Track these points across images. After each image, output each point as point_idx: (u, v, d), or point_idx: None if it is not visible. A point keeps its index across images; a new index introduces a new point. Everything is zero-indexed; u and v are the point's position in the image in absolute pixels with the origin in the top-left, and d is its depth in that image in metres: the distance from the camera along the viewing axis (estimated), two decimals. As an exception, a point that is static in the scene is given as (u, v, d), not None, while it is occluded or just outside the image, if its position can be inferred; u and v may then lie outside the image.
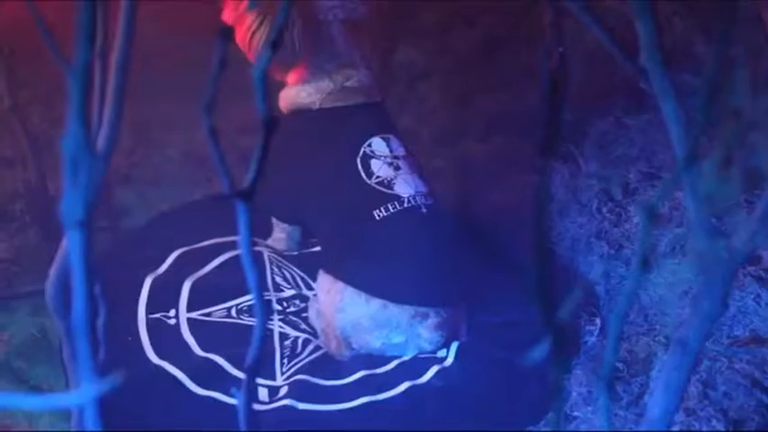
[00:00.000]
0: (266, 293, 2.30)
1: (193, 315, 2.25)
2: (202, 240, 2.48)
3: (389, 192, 2.13)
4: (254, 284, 1.27)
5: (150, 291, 2.30)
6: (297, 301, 2.32)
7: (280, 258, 2.44)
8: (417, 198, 2.15)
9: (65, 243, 1.51)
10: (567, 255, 2.55)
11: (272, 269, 2.39)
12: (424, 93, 3.25)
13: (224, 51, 1.04)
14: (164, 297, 2.29)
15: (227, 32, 1.04)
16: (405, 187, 2.16)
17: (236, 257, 2.41)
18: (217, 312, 2.26)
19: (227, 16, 2.25)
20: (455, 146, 2.99)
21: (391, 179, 2.16)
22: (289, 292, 2.34)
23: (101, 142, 1.15)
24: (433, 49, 3.42)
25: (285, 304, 2.30)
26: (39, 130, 2.72)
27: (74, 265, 1.00)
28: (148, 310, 2.25)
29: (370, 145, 2.20)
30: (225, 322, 2.24)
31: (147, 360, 2.11)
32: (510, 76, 3.23)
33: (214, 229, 2.49)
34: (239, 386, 2.03)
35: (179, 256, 2.42)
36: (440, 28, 3.52)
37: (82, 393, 0.96)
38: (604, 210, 2.59)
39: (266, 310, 2.06)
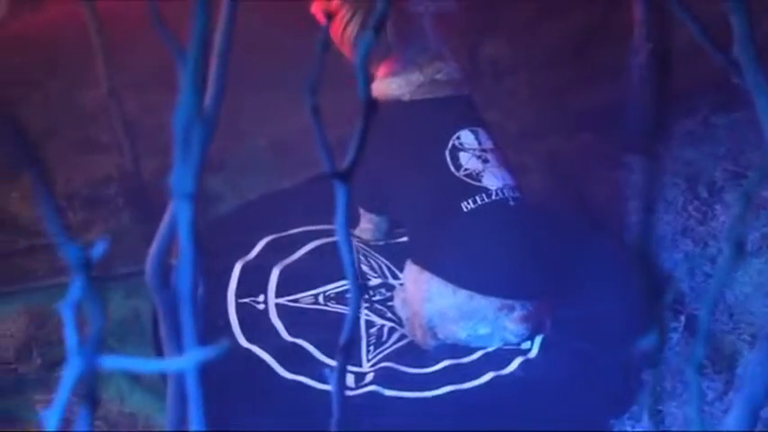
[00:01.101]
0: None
1: (282, 301, 2.28)
2: (291, 228, 2.52)
3: (477, 184, 2.14)
4: (349, 265, 1.29)
5: (240, 276, 2.35)
6: (383, 290, 2.35)
7: (366, 248, 2.47)
8: (505, 191, 2.15)
9: (166, 218, 1.55)
10: (653, 251, 2.54)
11: (358, 258, 2.41)
12: (511, 87, 3.26)
13: (326, 34, 1.07)
14: (253, 282, 2.33)
15: (331, 15, 1.08)
16: (493, 180, 2.16)
17: (324, 245, 2.45)
18: (304, 299, 2.29)
19: (316, 9, 2.28)
20: (542, 141, 2.99)
21: (479, 172, 2.16)
22: (375, 281, 2.37)
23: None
24: (520, 44, 3.42)
25: (371, 293, 2.33)
26: (132, 116, 2.76)
27: (181, 235, 1.04)
28: (238, 295, 2.29)
29: (458, 137, 2.21)
30: (312, 308, 2.27)
31: (237, 343, 2.15)
32: (598, 72, 3.22)
33: (302, 218, 2.53)
34: (326, 370, 2.08)
35: (268, 243, 2.47)
36: (528, 22, 3.52)
37: (188, 358, 0.99)
38: (690, 208, 2.57)
39: (360, 292, 2.10)
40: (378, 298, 2.32)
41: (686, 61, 2.66)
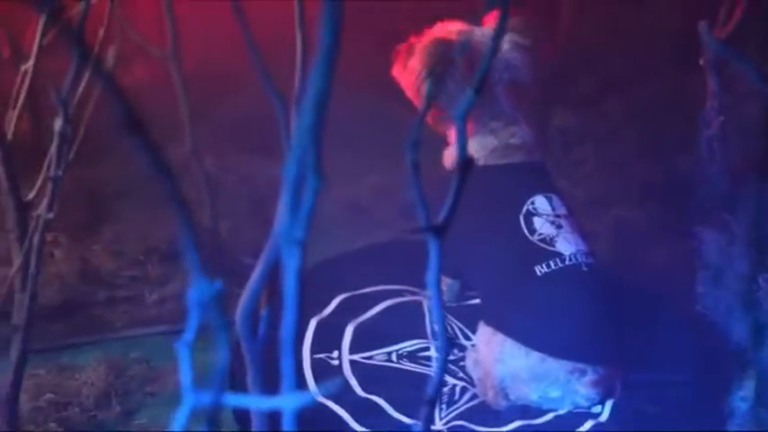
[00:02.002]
0: (425, 341, 2.37)
1: (355, 357, 2.33)
2: (365, 287, 2.57)
3: (551, 249, 2.17)
4: (439, 318, 1.34)
5: (315, 332, 2.40)
6: (455, 350, 2.38)
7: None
8: (578, 256, 2.18)
9: (258, 269, 1.61)
10: (722, 321, 2.56)
11: (430, 318, 2.45)
12: (579, 157, 3.30)
13: (435, 90, 1.13)
14: (328, 339, 2.38)
15: (438, 76, 1.14)
16: (566, 245, 2.20)
17: (398, 304, 2.50)
18: (378, 356, 2.34)
19: (397, 72, 2.35)
20: (610, 210, 3.03)
21: (553, 237, 2.20)
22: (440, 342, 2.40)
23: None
24: (588, 115, 3.48)
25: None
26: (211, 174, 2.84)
27: (287, 282, 1.09)
28: (313, 351, 2.34)
29: (533, 202, 2.24)
30: (385, 366, 2.31)
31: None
32: (663, 143, 3.26)
33: (376, 277, 2.59)
34: (400, 427, 2.12)
35: (343, 301, 2.52)
36: (595, 94, 3.58)
37: (289, 399, 1.03)
38: (760, 279, 2.59)
39: (448, 345, 2.13)
40: (450, 358, 2.35)
41: (757, 132, 2.70)
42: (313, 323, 2.42)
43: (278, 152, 2.95)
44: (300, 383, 2.25)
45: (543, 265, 2.16)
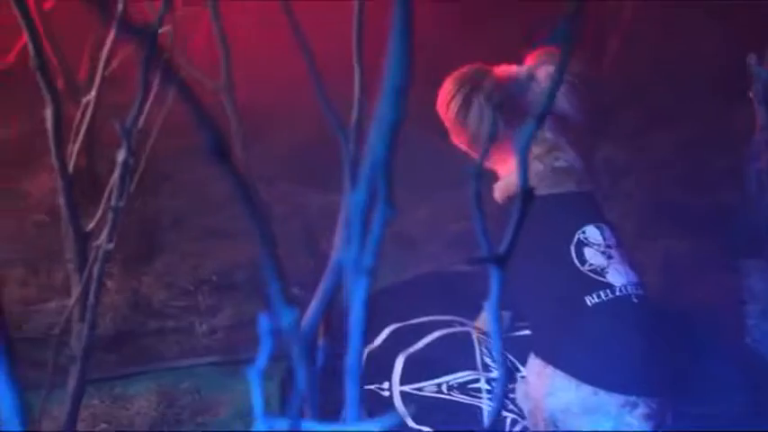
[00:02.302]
0: (475, 373, 2.37)
1: (406, 388, 2.34)
2: (415, 317, 2.58)
3: (602, 279, 2.17)
4: (498, 349, 1.35)
5: (366, 363, 2.41)
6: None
7: (488, 339, 2.51)
8: (629, 287, 2.18)
9: (316, 299, 1.63)
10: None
11: (480, 350, 2.46)
12: (628, 189, 3.30)
13: (495, 125, 1.15)
14: (378, 370, 2.39)
15: (500, 104, 1.16)
16: (617, 276, 2.19)
17: (448, 335, 2.50)
18: (428, 387, 2.34)
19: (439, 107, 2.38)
20: (658, 242, 3.03)
21: (604, 267, 2.20)
22: (496, 373, 2.40)
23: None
24: (633, 148, 3.49)
25: (493, 385, 2.36)
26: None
27: (354, 310, 1.11)
28: (363, 382, 2.35)
29: (584, 232, 2.25)
30: (436, 397, 2.31)
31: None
32: (709, 175, 3.26)
33: (425, 307, 2.59)
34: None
35: (393, 332, 2.53)
36: (640, 127, 3.59)
37: (368, 425, 1.05)
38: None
39: (507, 376, 2.14)
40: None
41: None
42: (364, 354, 2.43)
43: (328, 182, 2.99)
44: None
45: (594, 296, 2.16)
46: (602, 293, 2.16)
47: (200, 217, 3.13)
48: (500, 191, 2.38)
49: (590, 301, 2.15)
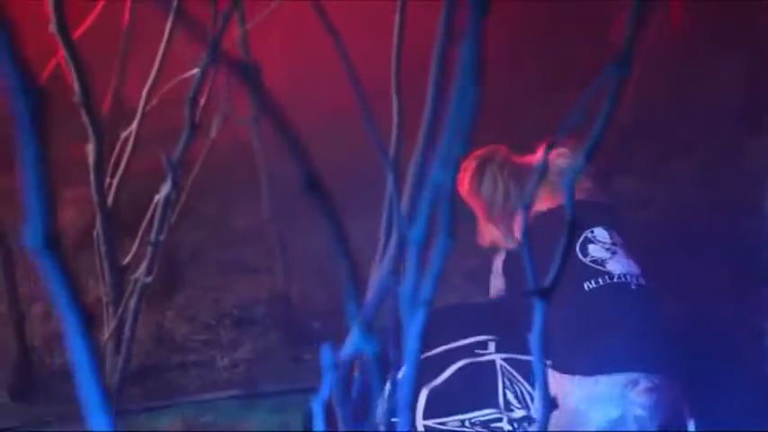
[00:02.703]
0: (497, 411, 2.38)
1: (429, 423, 2.34)
2: (435, 347, 2.59)
3: (601, 268, 2.21)
4: (542, 383, 1.37)
5: (389, 395, 2.41)
6: (526, 424, 2.37)
7: (512, 371, 2.52)
8: (629, 276, 2.20)
9: (351, 337, 1.66)
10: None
11: (503, 382, 2.46)
12: (646, 220, 3.33)
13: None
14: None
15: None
16: (617, 266, 2.22)
17: (471, 366, 2.51)
18: (451, 422, 2.35)
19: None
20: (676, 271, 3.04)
21: (605, 259, 2.23)
22: (519, 413, 2.41)
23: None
24: (649, 180, 3.51)
25: (515, 425, 2.36)
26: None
27: (409, 341, 1.13)
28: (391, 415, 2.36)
29: (592, 232, 2.29)
30: (459, 431, 2.32)
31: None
32: (727, 205, 3.29)
33: (450, 338, 2.60)
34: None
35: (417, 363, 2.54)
36: (656, 161, 3.62)
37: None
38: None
39: (549, 408, 2.14)
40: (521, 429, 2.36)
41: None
42: (387, 386, 2.44)
43: (346, 215, 3.00)
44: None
45: (592, 282, 2.19)
46: (600, 279, 2.20)
47: (219, 251, 3.15)
48: (483, 238, 2.56)
49: (588, 286, 2.20)
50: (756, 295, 2.83)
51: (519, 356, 2.51)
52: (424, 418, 2.36)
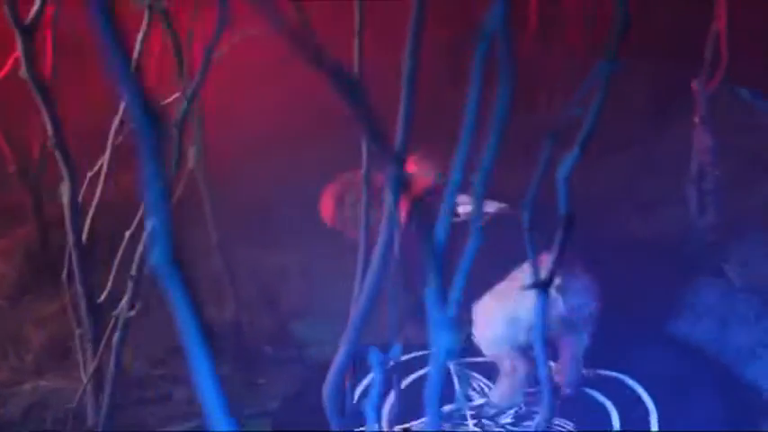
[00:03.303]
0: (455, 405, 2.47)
1: (397, 429, 2.40)
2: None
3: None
4: (546, 377, 1.43)
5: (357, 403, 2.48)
6: (487, 409, 2.48)
7: (464, 370, 2.59)
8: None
9: (342, 349, 1.70)
10: (732, 363, 2.67)
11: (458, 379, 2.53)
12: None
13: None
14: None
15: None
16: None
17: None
18: (416, 426, 2.40)
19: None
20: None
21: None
22: (479, 401, 2.51)
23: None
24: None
25: (477, 410, 2.47)
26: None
27: (434, 360, 1.17)
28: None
29: None
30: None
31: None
32: (646, 198, 3.39)
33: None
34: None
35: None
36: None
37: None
38: (765, 321, 2.73)
39: (554, 399, 2.20)
40: (484, 414, 2.46)
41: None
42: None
43: (279, 243, 3.03)
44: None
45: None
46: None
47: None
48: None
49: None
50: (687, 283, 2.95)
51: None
52: (390, 426, 2.41)
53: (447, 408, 2.47)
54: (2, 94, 2.88)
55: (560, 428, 2.38)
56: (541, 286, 1.34)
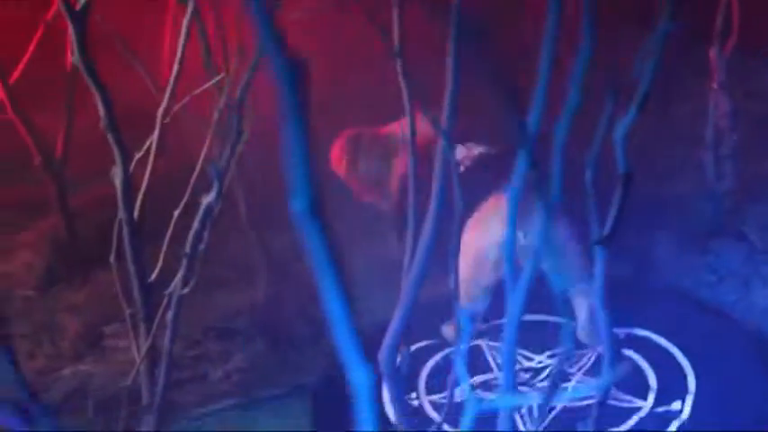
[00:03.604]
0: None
1: (435, 398, 2.45)
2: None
3: None
4: (608, 334, 1.47)
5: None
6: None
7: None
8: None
9: (398, 314, 1.74)
10: (758, 323, 2.71)
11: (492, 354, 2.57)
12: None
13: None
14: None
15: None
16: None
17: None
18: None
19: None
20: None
21: None
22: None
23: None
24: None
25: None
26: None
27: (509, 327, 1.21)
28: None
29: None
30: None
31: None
32: (660, 168, 3.43)
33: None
34: None
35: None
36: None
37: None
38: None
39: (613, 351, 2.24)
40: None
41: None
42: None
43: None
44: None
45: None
46: None
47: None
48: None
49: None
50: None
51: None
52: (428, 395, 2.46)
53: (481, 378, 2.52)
54: (21, 87, 2.91)
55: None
56: (604, 242, 1.38)
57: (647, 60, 1.25)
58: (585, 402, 2.26)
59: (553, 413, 2.36)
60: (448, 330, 2.62)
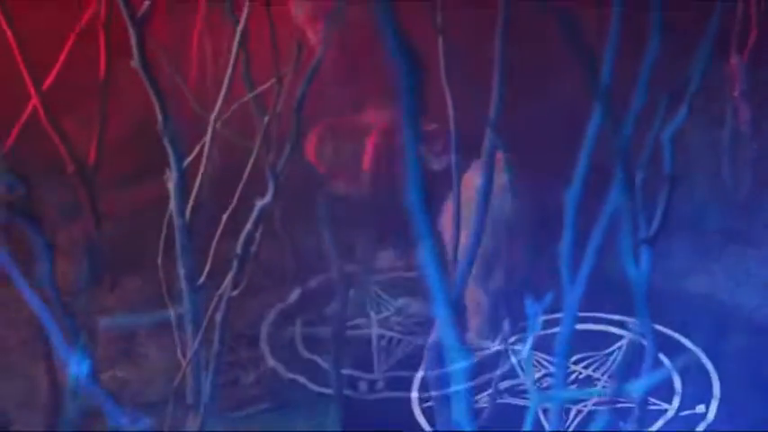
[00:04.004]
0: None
1: None
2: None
3: None
4: (649, 328, 1.52)
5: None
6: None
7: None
8: None
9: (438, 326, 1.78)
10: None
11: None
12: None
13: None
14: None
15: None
16: None
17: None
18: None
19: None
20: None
21: None
22: None
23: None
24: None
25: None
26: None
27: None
28: None
29: None
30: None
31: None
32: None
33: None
34: None
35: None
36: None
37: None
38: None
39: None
40: None
41: None
42: None
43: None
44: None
45: None
46: None
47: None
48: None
49: None
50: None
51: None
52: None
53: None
54: (53, 94, 2.94)
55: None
56: (647, 242, 1.43)
57: (697, 63, 1.30)
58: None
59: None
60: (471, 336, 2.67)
